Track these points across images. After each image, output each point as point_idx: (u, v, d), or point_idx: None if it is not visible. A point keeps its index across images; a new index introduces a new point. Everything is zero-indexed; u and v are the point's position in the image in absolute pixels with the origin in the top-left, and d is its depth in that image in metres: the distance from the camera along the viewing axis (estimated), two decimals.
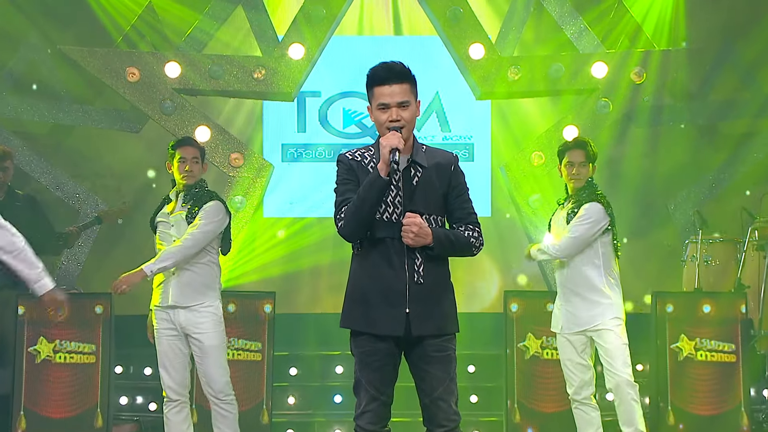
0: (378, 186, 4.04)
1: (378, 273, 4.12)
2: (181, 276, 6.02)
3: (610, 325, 6.09)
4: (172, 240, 6.04)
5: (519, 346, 7.61)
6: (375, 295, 4.12)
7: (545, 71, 9.40)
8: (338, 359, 8.90)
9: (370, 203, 4.05)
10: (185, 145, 6.20)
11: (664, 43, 9.74)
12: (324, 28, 9.48)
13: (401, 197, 4.12)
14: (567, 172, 6.19)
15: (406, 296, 4.10)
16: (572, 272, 6.14)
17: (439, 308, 4.16)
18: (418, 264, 4.11)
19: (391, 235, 4.11)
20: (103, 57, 9.30)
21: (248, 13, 9.74)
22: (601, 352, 6.12)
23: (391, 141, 4.03)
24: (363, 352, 4.16)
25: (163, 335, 6.05)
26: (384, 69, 4.16)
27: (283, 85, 9.45)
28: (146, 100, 9.33)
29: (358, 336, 4.18)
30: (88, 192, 9.78)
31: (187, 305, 6.00)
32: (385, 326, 4.11)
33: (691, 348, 7.62)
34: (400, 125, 4.10)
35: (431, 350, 4.14)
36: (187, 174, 6.10)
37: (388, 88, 4.12)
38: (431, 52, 10.49)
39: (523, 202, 9.33)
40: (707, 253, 8.71)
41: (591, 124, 9.38)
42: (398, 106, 4.12)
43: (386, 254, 4.12)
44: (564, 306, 6.19)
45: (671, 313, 7.66)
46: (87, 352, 7.56)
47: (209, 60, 9.45)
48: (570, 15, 9.66)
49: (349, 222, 4.09)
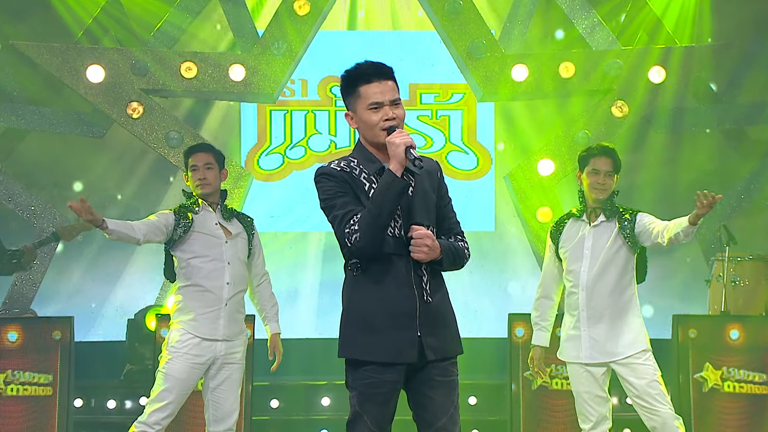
0: (396, 188, 4.00)
1: (383, 294, 4.09)
2: (231, 307, 6.12)
3: (642, 357, 6.06)
4: (223, 262, 6.09)
5: (525, 375, 7.61)
6: (382, 318, 4.09)
7: (554, 70, 9.44)
8: (324, 390, 8.90)
9: (388, 209, 4.00)
10: (196, 151, 6.26)
11: (687, 38, 9.80)
12: (309, 23, 9.52)
13: (399, 208, 4.09)
14: (590, 181, 6.11)
15: (416, 318, 4.09)
16: (603, 291, 6.05)
17: (447, 329, 4.18)
18: (425, 281, 4.12)
19: (396, 251, 4.09)
20: (62, 54, 9.33)
21: (225, 6, 9.77)
22: (632, 388, 6.02)
23: (405, 138, 4.02)
24: (367, 384, 4.11)
25: (189, 362, 6.05)
26: (370, 66, 4.17)
27: (263, 86, 9.49)
28: (111, 101, 9.35)
29: (360, 366, 4.13)
30: (45, 204, 9.77)
31: (234, 338, 6.16)
32: (397, 353, 4.07)
33: (718, 378, 7.62)
34: (396, 124, 4.10)
35: (436, 374, 4.13)
36: (201, 182, 6.15)
37: (378, 85, 4.13)
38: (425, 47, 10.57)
39: (530, 215, 9.36)
40: (735, 273, 8.72)
41: (605, 129, 9.43)
42: (391, 104, 4.13)
43: (391, 272, 4.09)
44: (587, 332, 6.06)
45: (695, 339, 7.67)
46: (43, 384, 7.55)
47: (181, 57, 9.48)
48: (582, 8, 9.71)
49: (366, 233, 4.01)
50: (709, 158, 10.50)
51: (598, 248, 6.09)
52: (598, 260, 6.06)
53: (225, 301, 6.07)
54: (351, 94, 4.18)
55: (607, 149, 6.20)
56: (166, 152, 9.41)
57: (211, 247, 6.11)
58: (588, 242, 6.11)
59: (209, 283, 6.07)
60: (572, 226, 6.18)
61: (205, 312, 6.08)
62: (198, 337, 6.05)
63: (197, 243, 6.11)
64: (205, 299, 6.07)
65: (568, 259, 6.13)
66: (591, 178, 6.09)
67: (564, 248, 6.16)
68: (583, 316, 6.10)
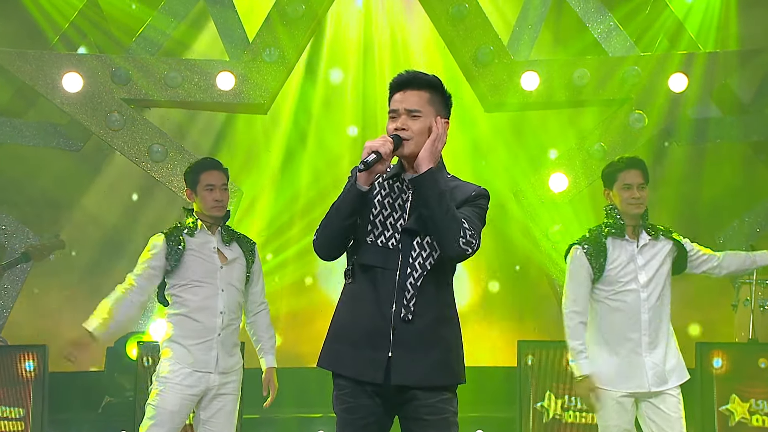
0: (352, 194, 4.10)
1: (360, 307, 4.17)
2: (226, 337, 6.10)
3: (675, 392, 6.04)
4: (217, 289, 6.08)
5: (536, 406, 7.62)
6: (356, 332, 4.16)
7: (567, 78, 9.47)
8: (319, 423, 8.91)
9: (341, 214, 4.12)
10: (212, 168, 6.23)
11: (712, 43, 9.81)
12: (303, 27, 9.56)
13: (404, 221, 4.17)
14: (624, 197, 6.12)
15: (389, 337, 4.12)
16: (661, 313, 6.04)
17: (431, 354, 4.15)
18: (408, 297, 4.13)
19: (382, 264, 4.15)
20: (36, 61, 9.35)
21: (212, 10, 9.78)
22: (658, 420, 5.99)
23: (374, 142, 4.08)
24: (344, 410, 4.20)
25: (180, 394, 6.03)
26: (407, 74, 4.27)
27: (254, 96, 9.50)
28: (89, 112, 9.36)
29: (337, 387, 4.22)
30: (17, 223, 9.79)
31: (229, 370, 6.15)
32: (362, 370, 4.13)
33: (745, 411, 7.63)
34: (405, 135, 4.15)
35: (424, 412, 4.14)
36: (216, 204, 6.16)
37: (402, 94, 4.22)
38: None
39: (541, 234, 9.38)
40: (764, 297, 8.74)
41: (622, 142, 9.44)
42: (407, 114, 4.19)
43: (374, 286, 4.15)
44: (649, 357, 5.99)
45: (720, 368, 7.68)
46: (14, 418, 7.55)
47: (165, 65, 9.51)
48: (597, 11, 9.72)
49: (321, 234, 4.20)
50: (734, 173, 10.52)
51: (652, 268, 6.09)
52: (653, 281, 6.07)
53: (218, 331, 6.06)
54: (388, 101, 4.30)
55: (635, 161, 6.24)
56: (149, 167, 9.41)
57: (204, 273, 6.10)
58: (640, 262, 6.08)
59: (201, 311, 6.06)
60: (613, 245, 6.11)
61: (197, 342, 6.07)
62: (189, 367, 6.04)
63: (190, 269, 6.10)
64: (196, 329, 6.06)
65: (616, 281, 6.05)
66: (624, 194, 6.10)
67: (612, 268, 6.09)
68: (644, 341, 6.03)
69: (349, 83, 11.50)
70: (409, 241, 4.15)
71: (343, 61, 11.51)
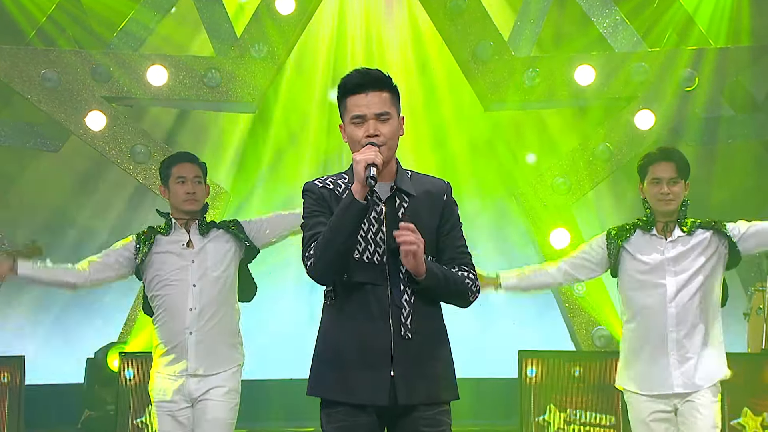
0: (354, 211, 4.05)
1: (355, 327, 4.14)
2: (204, 336, 6.00)
3: (709, 395, 5.93)
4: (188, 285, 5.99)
5: (538, 420, 7.62)
6: (352, 354, 4.13)
7: (570, 75, 9.49)
8: None
9: (344, 234, 4.06)
10: (183, 161, 6.22)
11: (723, 38, 9.83)
12: (293, 23, 9.57)
13: (384, 233, 4.14)
14: (653, 192, 5.97)
15: (390, 355, 4.12)
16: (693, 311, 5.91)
17: (431, 370, 4.18)
18: (405, 315, 4.13)
19: (372, 280, 4.13)
20: (12, 57, 9.35)
21: (198, 3, 9.80)
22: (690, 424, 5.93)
23: (367, 155, 4.04)
24: (339, 428, 4.17)
25: (169, 414, 5.98)
26: (359, 75, 4.21)
27: (242, 93, 9.51)
28: (67, 111, 9.37)
29: (331, 407, 4.19)
30: None
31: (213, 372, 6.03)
32: (365, 394, 4.12)
33: (757, 425, 7.65)
34: (379, 142, 4.13)
35: (422, 425, 4.15)
36: (189, 197, 6.11)
37: (364, 97, 4.17)
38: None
39: (543, 239, 9.38)
40: None
41: (628, 142, 9.46)
42: (376, 118, 4.17)
43: (365, 303, 4.13)
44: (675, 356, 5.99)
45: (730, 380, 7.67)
46: None
47: (148, 61, 9.51)
48: (603, 4, 9.73)
49: (320, 259, 4.10)
50: (746, 174, 10.53)
51: (682, 263, 5.97)
52: (682, 276, 5.94)
53: (190, 330, 5.98)
54: (340, 104, 4.25)
55: (669, 152, 6.07)
56: (131, 168, 9.40)
57: (173, 270, 6.03)
58: (669, 256, 5.96)
59: (171, 311, 6.01)
60: (641, 237, 6.02)
61: (172, 346, 6.02)
62: (167, 378, 6.00)
63: (158, 268, 6.06)
64: (169, 331, 6.02)
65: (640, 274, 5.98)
66: (653, 189, 5.95)
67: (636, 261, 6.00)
68: (671, 338, 5.94)
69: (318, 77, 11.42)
70: (395, 256, 4.13)
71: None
